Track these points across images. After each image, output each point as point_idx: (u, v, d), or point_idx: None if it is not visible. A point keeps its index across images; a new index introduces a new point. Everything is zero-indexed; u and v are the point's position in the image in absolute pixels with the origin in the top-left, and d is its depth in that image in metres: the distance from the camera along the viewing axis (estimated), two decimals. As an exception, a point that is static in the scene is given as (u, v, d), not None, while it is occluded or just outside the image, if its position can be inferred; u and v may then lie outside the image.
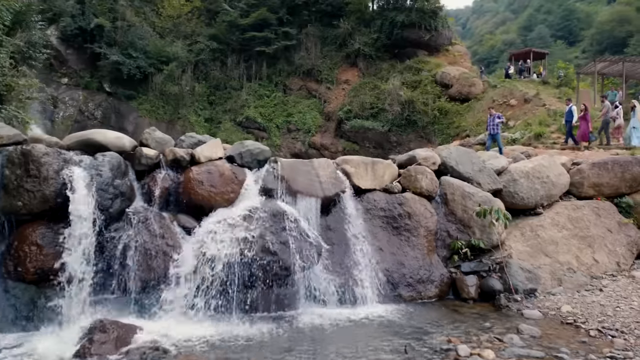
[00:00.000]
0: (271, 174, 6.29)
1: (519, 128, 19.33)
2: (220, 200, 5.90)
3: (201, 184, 5.82)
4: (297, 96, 35.98)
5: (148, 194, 5.76)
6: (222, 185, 5.92)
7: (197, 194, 5.81)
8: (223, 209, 5.92)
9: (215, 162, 6.11)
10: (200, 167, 5.99)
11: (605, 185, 8.58)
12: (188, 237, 5.72)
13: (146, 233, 5.39)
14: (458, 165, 7.85)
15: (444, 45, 32.02)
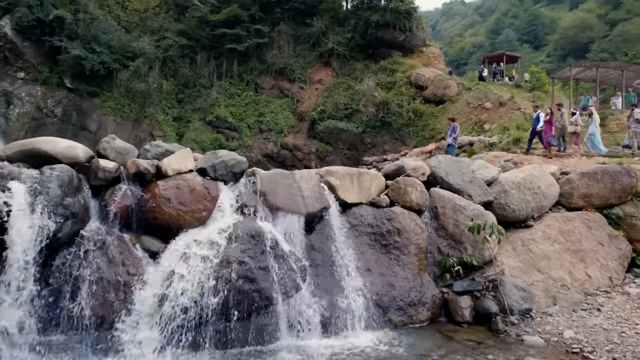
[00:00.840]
0: (249, 189, 5.61)
1: (495, 132, 19.22)
2: (190, 219, 5.17)
3: (168, 201, 5.07)
4: (269, 95, 35.16)
5: (106, 213, 4.96)
6: (193, 203, 5.19)
7: (164, 213, 5.06)
8: (194, 229, 5.20)
9: (185, 176, 5.36)
10: (168, 181, 5.23)
11: (595, 196, 8.29)
12: (153, 262, 4.97)
13: (103, 260, 4.60)
14: (448, 175, 7.36)
15: (419, 46, 31.90)
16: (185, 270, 4.80)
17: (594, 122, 13.92)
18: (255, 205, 5.50)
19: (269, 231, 5.33)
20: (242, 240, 5.11)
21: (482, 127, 21.55)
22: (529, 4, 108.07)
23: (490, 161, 10.51)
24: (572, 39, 78.26)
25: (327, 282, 5.72)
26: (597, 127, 13.98)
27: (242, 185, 5.65)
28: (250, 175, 5.78)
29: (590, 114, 14.18)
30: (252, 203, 5.50)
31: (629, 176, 8.32)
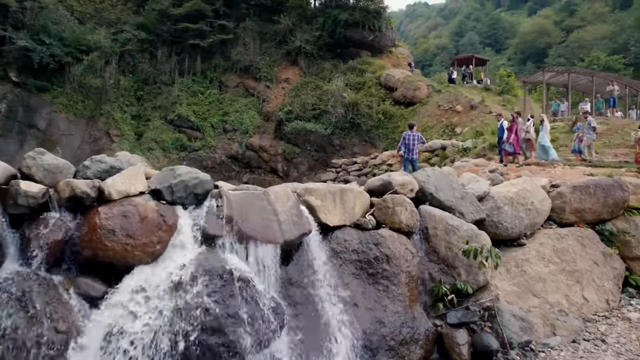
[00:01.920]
0: (214, 214, 4.63)
1: (468, 135, 18.89)
2: (141, 255, 4.16)
3: (112, 233, 4.04)
4: (233, 94, 33.89)
5: (28, 250, 3.88)
6: (144, 234, 4.18)
7: (107, 248, 4.03)
8: (146, 266, 4.18)
9: (134, 200, 4.33)
10: (112, 207, 4.19)
11: (587, 211, 7.79)
12: (93, 312, 3.93)
13: (20, 317, 3.54)
14: (438, 191, 6.62)
15: (388, 46, 31.47)
16: (133, 322, 3.79)
17: (545, 129, 13.62)
18: (222, 234, 4.53)
19: (239, 267, 4.39)
20: (206, 281, 4.15)
21: (454, 130, 21.24)
22: (490, 9, 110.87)
23: (473, 171, 9.92)
24: (531, 44, 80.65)
25: (308, 324, 4.83)
26: (547, 134, 13.69)
27: (206, 209, 4.66)
28: (216, 197, 4.80)
29: (541, 121, 13.86)
30: (219, 232, 4.53)
31: (622, 190, 7.88)
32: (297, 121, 28.39)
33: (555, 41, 78.22)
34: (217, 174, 31.37)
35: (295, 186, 5.67)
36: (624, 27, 71.08)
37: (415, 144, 11.07)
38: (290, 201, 5.27)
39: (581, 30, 75.61)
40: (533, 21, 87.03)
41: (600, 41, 70.55)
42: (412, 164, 11.09)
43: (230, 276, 4.25)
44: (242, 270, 4.37)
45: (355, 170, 23.70)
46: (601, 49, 63.69)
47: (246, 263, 4.52)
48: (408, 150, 11.10)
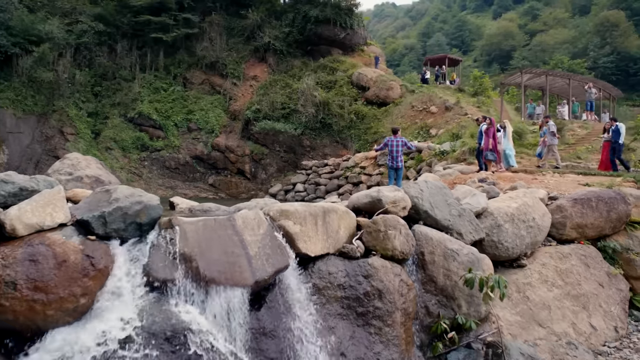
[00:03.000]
0: (163, 251, 3.53)
1: (444, 138, 18.27)
2: (57, 314, 3.01)
3: (13, 286, 2.89)
4: (199, 91, 32.33)
5: None
6: (62, 285, 3.03)
7: (4, 309, 2.88)
8: (65, 329, 3.06)
9: (50, 237, 3.17)
10: (15, 248, 3.02)
11: (589, 227, 7.10)
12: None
13: None
14: (434, 209, 5.72)
15: (360, 45, 30.67)
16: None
17: (507, 135, 13.10)
18: (174, 278, 3.44)
19: (197, 323, 3.31)
20: (151, 345, 3.06)
21: (428, 132, 20.63)
22: (457, 11, 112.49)
23: (460, 180, 9.12)
24: (496, 46, 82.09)
25: (286, 387, 3.80)
26: (510, 140, 13.12)
27: (152, 244, 3.55)
28: (167, 226, 3.70)
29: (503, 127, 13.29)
30: (170, 275, 3.43)
31: (625, 203, 7.24)
32: (266, 120, 27.19)
33: (520, 44, 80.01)
34: (180, 175, 29.79)
35: (268, 207, 4.61)
36: (583, 32, 73.39)
37: (399, 151, 9.87)
38: (263, 228, 4.22)
39: (543, 34, 77.62)
40: (498, 24, 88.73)
41: (561, 45, 72.57)
42: (397, 173, 9.96)
43: (184, 338, 3.17)
44: (200, 328, 3.29)
45: (326, 173, 22.77)
46: (562, 53, 65.43)
47: (205, 317, 3.43)
48: (392, 158, 9.95)
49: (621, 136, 12.15)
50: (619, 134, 12.13)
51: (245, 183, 28.75)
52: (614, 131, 12.27)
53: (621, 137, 12.16)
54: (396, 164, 9.77)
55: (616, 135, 12.18)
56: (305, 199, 23.04)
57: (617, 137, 12.14)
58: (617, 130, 12.21)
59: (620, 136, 12.14)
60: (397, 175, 9.85)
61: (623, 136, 12.23)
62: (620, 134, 12.13)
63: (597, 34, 67.98)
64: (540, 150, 13.30)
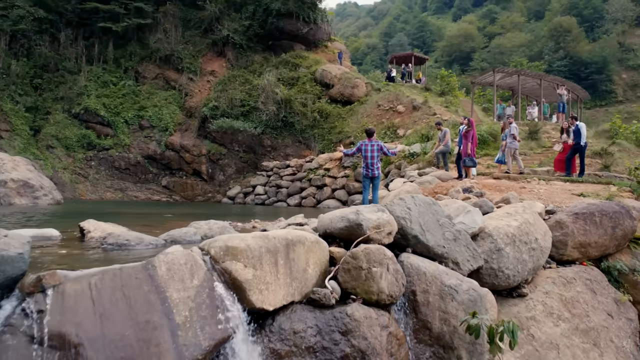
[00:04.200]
0: (24, 333, 2.15)
1: (412, 139, 17.38)
2: None
3: None
4: (152, 86, 30.24)
5: None
6: None
7: None
8: None
9: None
10: None
11: (593, 246, 6.16)
12: None
13: None
14: (425, 233, 4.55)
15: (323, 40, 29.50)
16: None
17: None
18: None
19: None
20: None
21: (396, 132, 19.72)
22: (418, 12, 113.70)
23: (441, 189, 8.06)
24: (456, 47, 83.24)
25: None
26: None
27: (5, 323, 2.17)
28: (33, 290, 2.31)
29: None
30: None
31: (630, 218, 6.36)
32: (224, 118, 25.56)
33: (479, 46, 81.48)
34: (131, 177, 27.66)
35: (209, 243, 3.27)
36: (538, 37, 75.63)
37: (375, 157, 8.03)
38: (198, 277, 2.89)
39: (501, 37, 79.35)
40: (458, 26, 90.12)
41: (518, 48, 74.42)
42: (373, 183, 8.16)
43: None
44: None
45: (288, 175, 21.45)
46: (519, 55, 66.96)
47: None
48: (366, 166, 8.15)
49: (583, 137, 11.39)
50: (580, 134, 11.35)
51: (201, 185, 26.99)
52: (574, 132, 11.47)
53: (583, 137, 11.39)
54: (372, 172, 8.04)
55: (577, 136, 11.37)
56: (265, 202, 21.65)
57: (578, 137, 11.34)
58: (578, 131, 11.40)
59: (582, 137, 11.38)
60: (374, 186, 8.14)
61: (585, 136, 11.49)
62: (582, 135, 11.37)
63: (551, 38, 70.14)
64: (501, 156, 12.25)
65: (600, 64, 62.52)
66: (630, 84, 63.28)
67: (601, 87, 60.69)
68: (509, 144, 11.69)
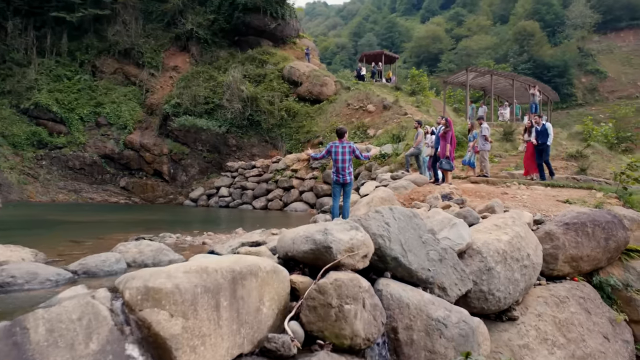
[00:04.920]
0: None
1: (383, 139, 16.77)
2: None
3: None
4: (110, 81, 28.59)
5: None
6: None
7: None
8: None
9: None
10: None
11: (585, 260, 5.59)
12: None
13: None
14: (407, 253, 3.79)
15: (291, 37, 28.61)
16: None
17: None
18: None
19: None
20: None
21: (366, 132, 19.08)
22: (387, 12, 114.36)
23: (419, 195, 7.37)
24: (425, 49, 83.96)
25: None
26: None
27: None
28: None
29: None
30: None
31: (623, 228, 5.84)
32: (187, 116, 24.31)
33: (446, 48, 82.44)
34: (87, 177, 25.97)
35: (121, 280, 2.39)
36: (503, 40, 77.16)
37: (347, 161, 6.86)
38: (99, 338, 2.01)
39: (468, 39, 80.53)
40: (426, 27, 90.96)
41: (485, 50, 75.70)
42: (344, 190, 6.99)
43: None
44: None
45: (254, 176, 20.48)
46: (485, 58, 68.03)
47: None
48: (337, 170, 6.95)
49: (549, 137, 10.75)
50: (547, 134, 10.72)
51: (163, 186, 25.61)
52: (541, 131, 10.83)
53: (549, 138, 10.75)
54: (343, 177, 6.87)
55: (544, 136, 10.75)
56: (230, 204, 20.61)
57: (545, 138, 10.71)
58: (545, 131, 10.79)
59: (549, 137, 10.73)
60: (345, 193, 6.97)
61: (552, 137, 10.91)
62: (549, 135, 10.74)
63: (515, 41, 71.67)
64: (470, 158, 11.62)
65: (562, 68, 64.27)
66: (589, 88, 65.33)
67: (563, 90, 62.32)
68: (482, 146, 11.16)
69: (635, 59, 67.95)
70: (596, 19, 68.50)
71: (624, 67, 67.13)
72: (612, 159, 12.70)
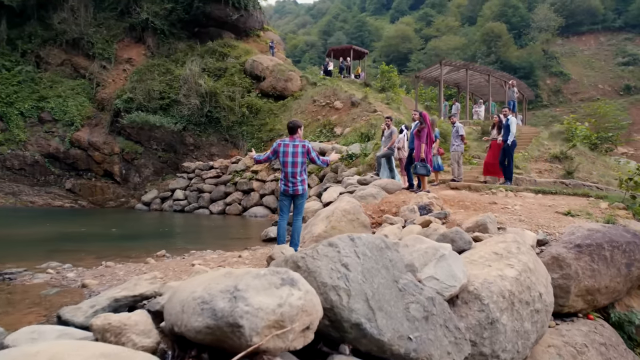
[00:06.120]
0: None
1: (351, 138, 15.45)
2: None
3: None
4: (57, 74, 26.18)
5: None
6: None
7: None
8: None
9: None
10: None
11: (602, 292, 4.37)
12: None
13: None
14: (376, 315, 2.40)
15: (255, 29, 26.94)
16: None
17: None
18: None
19: None
20: None
21: (332, 130, 17.72)
22: (357, 12, 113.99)
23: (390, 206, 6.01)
24: (394, 48, 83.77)
25: None
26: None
27: None
28: None
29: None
30: None
31: (646, 250, 4.60)
32: (139, 112, 22.33)
33: (416, 47, 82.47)
34: (27, 178, 23.55)
35: None
36: (472, 41, 77.75)
37: (299, 164, 5.21)
38: None
39: (437, 39, 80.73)
40: (396, 27, 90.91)
41: (453, 51, 75.90)
42: (295, 205, 5.33)
43: None
44: None
45: (211, 177, 18.78)
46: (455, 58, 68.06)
47: None
48: (285, 177, 5.28)
49: (511, 134, 9.43)
50: (509, 131, 9.40)
51: (113, 188, 23.49)
52: (505, 127, 9.52)
53: (511, 134, 9.43)
54: (293, 187, 5.21)
55: (506, 132, 9.43)
56: (185, 209, 18.84)
57: (506, 135, 9.40)
58: (507, 127, 9.44)
59: (511, 134, 9.41)
60: (295, 209, 5.29)
61: (514, 134, 9.55)
62: (511, 132, 9.40)
63: (483, 42, 72.27)
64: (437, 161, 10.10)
65: (528, 70, 65.11)
66: (554, 90, 66.44)
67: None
68: (456, 147, 9.85)
69: (596, 62, 69.67)
70: (560, 23, 69.82)
71: (585, 70, 68.71)
72: (597, 161, 11.82)
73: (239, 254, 5.22)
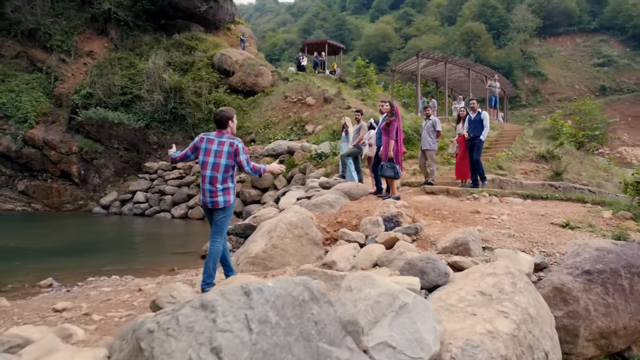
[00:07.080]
0: None
1: (322, 136, 14.33)
2: None
3: None
4: (10, 67, 24.34)
5: None
6: None
7: None
8: None
9: None
10: None
11: (620, 334, 3.30)
12: None
13: None
14: None
15: (225, 22, 25.57)
16: None
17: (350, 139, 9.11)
18: None
19: None
20: None
21: (304, 128, 16.55)
22: (337, 10, 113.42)
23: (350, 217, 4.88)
24: (374, 47, 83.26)
25: None
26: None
27: None
28: None
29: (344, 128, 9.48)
30: None
31: (671, 276, 3.56)
32: (98, 109, 20.76)
33: (396, 46, 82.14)
34: (-24, 180, 21.75)
35: None
36: (451, 40, 77.70)
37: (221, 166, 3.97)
38: None
39: (417, 38, 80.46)
40: (376, 26, 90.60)
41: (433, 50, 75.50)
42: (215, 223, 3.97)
43: None
44: None
45: (174, 179, 17.43)
46: (434, 57, 67.70)
47: None
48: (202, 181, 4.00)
49: (485, 129, 8.44)
50: (482, 125, 8.40)
51: (71, 190, 21.84)
52: (474, 120, 8.47)
53: (485, 130, 8.43)
54: (210, 196, 3.93)
55: (478, 127, 8.41)
56: (146, 212, 17.43)
57: (479, 131, 8.37)
58: (480, 121, 8.42)
59: (484, 129, 8.41)
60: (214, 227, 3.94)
61: (487, 131, 8.54)
62: (485, 127, 8.41)
63: (463, 42, 72.26)
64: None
65: (506, 69, 65.13)
66: (532, 90, 66.70)
67: (508, 91, 62.92)
68: (431, 144, 8.71)
69: (572, 63, 70.28)
70: (537, 24, 70.19)
71: (562, 71, 69.22)
72: (584, 161, 10.96)
73: (145, 284, 4.03)
